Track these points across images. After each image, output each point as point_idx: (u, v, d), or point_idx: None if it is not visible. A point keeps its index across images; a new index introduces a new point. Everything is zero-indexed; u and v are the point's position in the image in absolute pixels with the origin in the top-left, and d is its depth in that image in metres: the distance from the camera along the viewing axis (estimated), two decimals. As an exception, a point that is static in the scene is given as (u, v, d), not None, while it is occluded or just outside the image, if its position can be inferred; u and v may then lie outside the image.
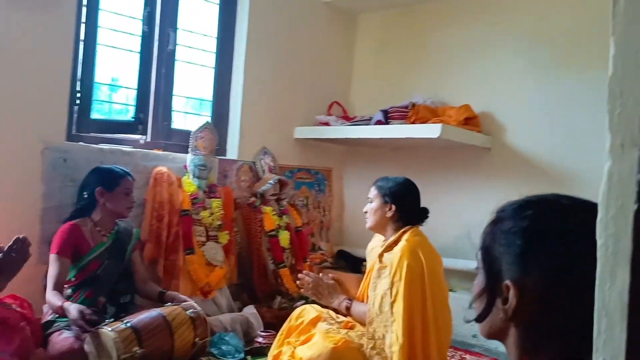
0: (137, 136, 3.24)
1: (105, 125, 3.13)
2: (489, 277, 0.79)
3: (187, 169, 3.21)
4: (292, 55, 3.89)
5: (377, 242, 2.42)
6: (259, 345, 2.74)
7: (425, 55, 3.92)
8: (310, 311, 2.46)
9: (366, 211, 2.34)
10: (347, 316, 2.38)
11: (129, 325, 2.24)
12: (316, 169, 4.09)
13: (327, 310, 2.47)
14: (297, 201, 3.90)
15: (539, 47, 3.41)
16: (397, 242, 2.19)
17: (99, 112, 3.19)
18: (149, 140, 3.29)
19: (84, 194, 2.61)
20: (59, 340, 2.28)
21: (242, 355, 2.65)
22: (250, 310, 3.04)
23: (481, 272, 0.81)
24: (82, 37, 2.92)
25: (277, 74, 3.80)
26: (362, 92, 4.27)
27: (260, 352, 2.68)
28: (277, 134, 3.82)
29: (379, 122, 3.55)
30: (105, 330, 2.19)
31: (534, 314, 0.74)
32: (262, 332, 2.81)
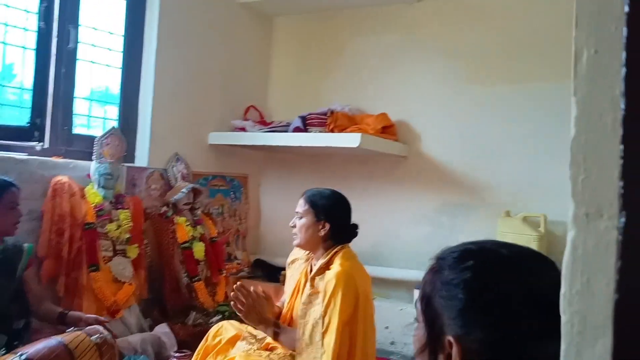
0: (34, 143, 2.95)
1: (-6, 130, 2.82)
2: (430, 331, 0.75)
3: (90, 178, 2.97)
4: (206, 57, 3.73)
5: (300, 253, 2.34)
6: (173, 366, 2.59)
7: (342, 61, 3.92)
8: (228, 329, 2.35)
9: (293, 226, 2.21)
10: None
11: (23, 358, 2.01)
12: (232, 175, 3.96)
13: (245, 326, 2.37)
14: (212, 210, 3.75)
15: (451, 59, 3.52)
16: (329, 265, 2.09)
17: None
18: (47, 146, 3.00)
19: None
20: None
21: (154, 379, 2.49)
22: (162, 328, 2.87)
23: (422, 325, 0.77)
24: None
25: (191, 76, 3.63)
26: (280, 96, 4.19)
27: (174, 375, 2.53)
28: (190, 139, 3.64)
29: (297, 128, 3.49)
30: (-5, 365, 1.95)
31: None
32: (176, 353, 2.65)
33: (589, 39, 0.48)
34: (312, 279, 2.11)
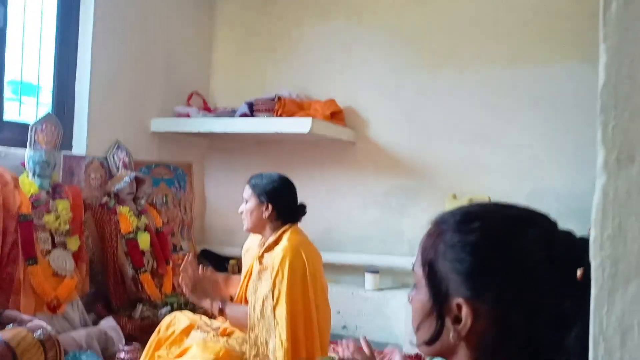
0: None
1: None
2: (435, 295, 0.74)
3: (25, 167, 2.77)
4: (146, 40, 3.57)
5: (254, 241, 2.32)
6: (122, 361, 2.48)
7: (288, 47, 3.87)
8: (181, 319, 2.29)
9: (242, 212, 2.22)
10: (217, 318, 2.24)
11: (-41, 359, 1.86)
12: (175, 164, 3.83)
13: (200, 316, 2.31)
14: (155, 199, 3.61)
15: (396, 44, 3.56)
16: (277, 242, 2.11)
17: None
18: (-25, 134, 2.78)
19: None
20: None
21: (104, 374, 2.37)
22: (108, 322, 2.74)
23: (424, 290, 0.76)
24: None
25: (130, 59, 3.46)
26: (224, 82, 4.10)
27: (124, 370, 2.43)
28: (132, 126, 3.49)
29: (244, 114, 3.42)
30: None
31: (489, 333, 0.71)
32: (124, 347, 2.54)
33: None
34: (260, 257, 2.13)
